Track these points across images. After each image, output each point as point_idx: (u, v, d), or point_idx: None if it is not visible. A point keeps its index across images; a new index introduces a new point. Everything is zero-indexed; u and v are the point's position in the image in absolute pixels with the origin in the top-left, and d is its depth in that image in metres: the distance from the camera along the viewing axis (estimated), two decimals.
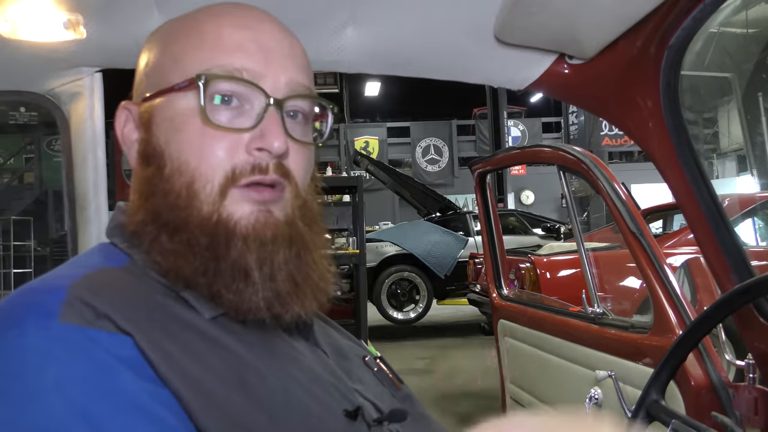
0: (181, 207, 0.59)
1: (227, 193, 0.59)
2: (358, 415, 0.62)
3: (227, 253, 0.59)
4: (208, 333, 0.57)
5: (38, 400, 0.47)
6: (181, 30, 0.64)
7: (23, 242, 12.78)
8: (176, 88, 0.61)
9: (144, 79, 0.66)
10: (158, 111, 0.63)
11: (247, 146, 0.60)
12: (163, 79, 0.63)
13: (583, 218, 14.76)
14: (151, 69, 0.65)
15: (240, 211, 0.60)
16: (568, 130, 17.96)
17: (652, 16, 0.95)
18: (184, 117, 0.61)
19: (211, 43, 0.61)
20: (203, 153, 0.59)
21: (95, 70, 1.25)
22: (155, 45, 0.66)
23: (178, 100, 0.61)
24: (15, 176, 16.01)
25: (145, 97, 0.64)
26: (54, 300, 0.52)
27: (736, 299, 0.88)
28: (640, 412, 0.97)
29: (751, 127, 12.31)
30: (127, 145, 0.66)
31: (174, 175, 0.60)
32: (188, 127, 0.60)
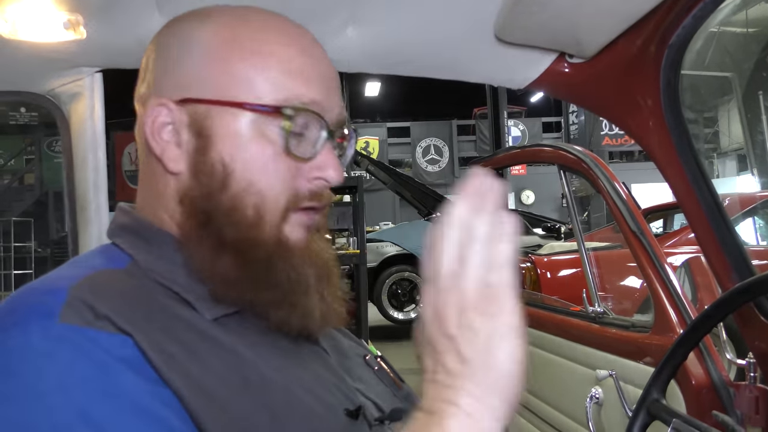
0: (247, 226, 0.60)
1: (288, 217, 0.62)
2: (360, 415, 0.62)
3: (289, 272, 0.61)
4: (209, 333, 0.57)
5: (40, 401, 0.47)
6: (245, 43, 0.62)
7: (24, 243, 12.78)
8: (249, 107, 0.60)
9: (182, 75, 0.63)
10: (219, 122, 0.61)
11: (306, 174, 0.62)
12: (225, 91, 0.61)
13: (583, 218, 14.76)
14: (200, 72, 0.62)
15: (295, 234, 0.62)
16: (569, 130, 17.96)
17: (652, 15, 0.95)
18: (257, 138, 0.60)
19: (286, 69, 0.61)
20: (272, 177, 0.61)
21: (95, 71, 1.25)
22: (204, 49, 0.62)
23: (250, 119, 0.61)
24: (15, 177, 16.01)
25: (192, 99, 0.62)
26: (54, 300, 0.52)
27: (737, 298, 0.88)
28: (641, 411, 0.97)
29: (751, 126, 12.31)
30: (160, 144, 0.62)
31: (240, 194, 0.60)
32: (260, 150, 0.60)
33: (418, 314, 0.50)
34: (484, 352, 0.45)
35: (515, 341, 0.46)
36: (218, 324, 0.59)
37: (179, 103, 0.62)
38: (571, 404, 1.77)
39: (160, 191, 0.64)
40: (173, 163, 0.62)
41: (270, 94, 0.61)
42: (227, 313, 0.60)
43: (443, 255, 0.47)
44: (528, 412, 2.14)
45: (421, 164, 19.56)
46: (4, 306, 0.54)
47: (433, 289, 0.49)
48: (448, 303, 0.47)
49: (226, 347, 0.57)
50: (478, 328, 0.46)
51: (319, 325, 0.63)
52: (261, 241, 0.60)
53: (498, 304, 0.46)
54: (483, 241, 0.46)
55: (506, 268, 0.46)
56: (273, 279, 0.60)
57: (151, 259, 0.61)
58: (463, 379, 0.46)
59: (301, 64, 0.62)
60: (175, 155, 0.62)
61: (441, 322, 0.47)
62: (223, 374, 0.55)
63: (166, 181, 0.63)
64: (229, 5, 0.66)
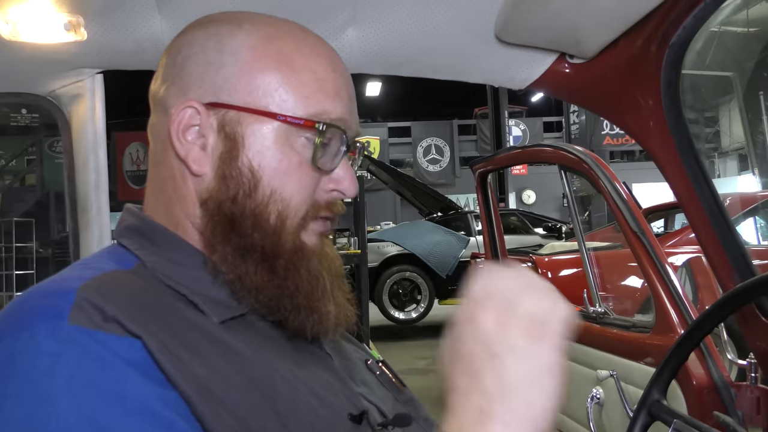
0: (270, 232, 0.62)
1: (306, 225, 0.64)
2: (363, 419, 0.62)
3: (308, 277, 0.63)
4: (216, 336, 0.57)
5: (48, 404, 0.47)
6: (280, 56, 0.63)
7: (25, 244, 12.78)
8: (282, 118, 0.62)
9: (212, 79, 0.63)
10: (248, 129, 0.62)
11: (324, 185, 0.65)
12: (257, 99, 0.62)
13: (584, 218, 14.76)
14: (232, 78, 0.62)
15: (311, 241, 0.65)
16: (570, 130, 17.96)
17: (653, 15, 0.95)
18: (286, 148, 0.62)
19: (317, 85, 0.64)
20: (296, 187, 0.63)
21: (96, 72, 1.25)
22: (238, 56, 0.63)
23: (280, 129, 0.62)
24: (17, 178, 16.03)
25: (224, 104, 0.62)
26: (63, 302, 0.52)
27: (738, 298, 0.88)
28: (641, 411, 0.97)
29: (752, 126, 12.30)
30: (185, 145, 0.63)
31: (266, 201, 0.62)
32: (287, 159, 0.62)
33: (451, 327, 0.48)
34: (527, 381, 0.44)
35: (557, 379, 0.45)
36: (225, 327, 0.59)
37: (208, 107, 0.62)
38: (572, 404, 1.77)
39: (178, 192, 0.64)
40: (197, 165, 0.63)
41: (302, 107, 0.63)
42: (234, 316, 0.60)
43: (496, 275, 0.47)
44: None
45: (422, 164, 19.56)
46: (12, 307, 0.54)
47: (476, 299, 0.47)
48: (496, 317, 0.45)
49: (233, 350, 0.57)
50: (525, 352, 0.44)
51: (333, 329, 0.65)
52: (282, 247, 0.62)
53: (548, 335, 0.45)
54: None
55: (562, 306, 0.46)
56: (294, 284, 0.62)
57: (158, 261, 0.62)
58: (501, 405, 0.44)
59: (332, 82, 0.65)
60: (199, 157, 0.63)
61: (485, 336, 0.45)
62: (231, 377, 0.55)
63: (186, 183, 0.64)
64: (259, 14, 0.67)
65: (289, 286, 0.62)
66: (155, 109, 0.66)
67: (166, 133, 0.64)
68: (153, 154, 0.67)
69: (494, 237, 2.44)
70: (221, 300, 0.61)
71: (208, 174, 0.63)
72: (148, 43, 1.07)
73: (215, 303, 0.60)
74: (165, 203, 0.65)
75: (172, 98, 0.64)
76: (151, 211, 0.67)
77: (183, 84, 0.64)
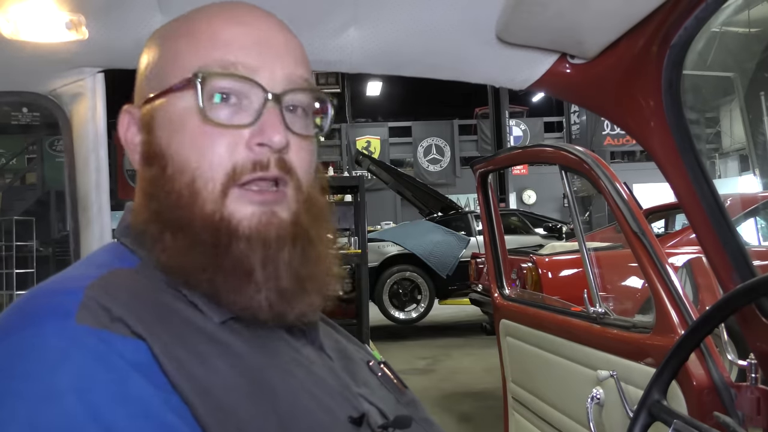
0: (183, 206, 0.59)
1: (228, 192, 0.59)
2: (363, 422, 0.62)
3: (229, 252, 0.59)
4: (217, 337, 0.57)
5: (54, 401, 0.48)
6: (177, 30, 0.64)
7: (25, 242, 12.78)
8: (174, 89, 0.61)
9: (144, 81, 0.66)
10: (159, 112, 0.62)
11: (247, 142, 0.60)
12: (163, 80, 0.63)
13: (584, 218, 14.75)
14: (151, 71, 0.65)
15: (241, 211, 0.59)
16: (570, 130, 17.94)
17: (654, 16, 0.95)
18: (183, 116, 0.60)
19: (206, 41, 0.61)
20: (203, 151, 0.59)
21: (97, 71, 1.25)
22: (153, 47, 0.66)
23: (176, 101, 0.61)
24: (17, 177, 16.03)
25: (146, 99, 0.64)
26: (70, 301, 0.53)
27: (739, 299, 0.87)
28: (641, 412, 0.97)
29: (753, 127, 12.29)
30: (131, 148, 0.66)
31: (176, 175, 0.60)
32: (188, 127, 0.60)
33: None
34: None
35: None
36: (226, 327, 0.59)
37: (141, 107, 0.65)
38: (572, 405, 1.76)
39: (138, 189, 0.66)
40: (136, 163, 0.66)
41: (189, 70, 0.60)
42: (234, 316, 0.60)
43: None
44: (529, 412, 2.14)
45: (422, 164, 19.55)
46: (19, 304, 0.54)
47: None
48: None
49: (234, 352, 0.57)
50: None
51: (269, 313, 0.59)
52: (198, 220, 0.59)
53: None
54: None
55: None
56: (212, 259, 0.58)
57: (152, 256, 0.62)
58: None
59: (230, 34, 0.61)
60: (137, 154, 0.66)
61: None
62: (231, 380, 0.55)
63: (139, 179, 0.66)
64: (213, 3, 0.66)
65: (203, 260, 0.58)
66: None
67: None
68: None
69: (494, 237, 2.44)
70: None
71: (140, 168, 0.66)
72: None
73: (214, 303, 0.59)
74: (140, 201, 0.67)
75: None
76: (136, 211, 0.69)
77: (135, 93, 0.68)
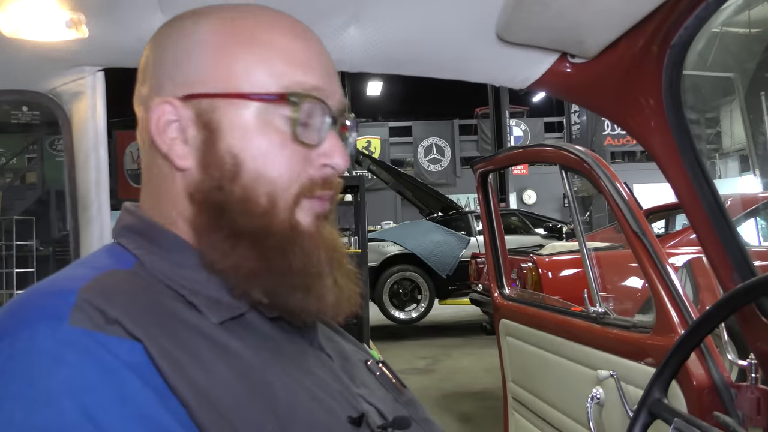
0: (260, 215, 0.60)
1: (300, 203, 0.62)
2: (363, 422, 0.62)
3: (303, 256, 0.62)
4: (215, 339, 0.57)
5: (48, 404, 0.47)
6: (244, 35, 0.63)
7: (26, 242, 12.79)
8: (254, 97, 0.61)
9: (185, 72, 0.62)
10: (224, 115, 0.61)
11: (314, 161, 0.63)
12: (228, 83, 0.61)
13: (585, 218, 14.76)
14: (202, 67, 0.62)
15: (306, 221, 0.63)
16: (571, 130, 17.95)
17: (654, 15, 0.95)
18: (264, 127, 0.61)
19: (287, 58, 0.63)
20: (282, 165, 0.61)
21: (97, 70, 1.25)
22: (204, 44, 0.62)
23: (255, 109, 0.61)
24: (17, 176, 16.03)
25: (196, 94, 0.62)
26: (64, 303, 0.52)
27: (740, 298, 0.87)
28: (642, 410, 0.96)
29: (753, 127, 12.30)
30: (166, 141, 0.62)
31: (252, 184, 0.60)
32: (268, 139, 0.61)
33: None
34: None
35: None
36: (224, 328, 0.59)
37: (183, 100, 0.62)
38: (572, 404, 1.76)
39: (168, 190, 0.64)
40: (181, 160, 0.62)
41: (273, 83, 0.61)
42: (233, 316, 0.60)
43: None
44: (529, 412, 2.14)
45: (422, 164, 19.56)
46: (12, 307, 0.54)
47: None
48: None
49: (232, 353, 0.57)
50: None
51: (333, 310, 0.63)
52: (275, 229, 0.61)
53: None
54: None
55: None
56: (289, 265, 0.61)
57: (157, 261, 0.61)
58: None
59: (301, 52, 0.63)
60: (183, 152, 0.62)
61: None
62: (229, 381, 0.54)
63: (174, 179, 0.63)
64: (226, 4, 0.66)
65: (281, 267, 0.60)
66: (138, 112, 0.66)
67: (148, 134, 0.63)
68: (143, 157, 0.67)
69: (495, 237, 2.44)
70: (220, 299, 0.60)
71: (192, 167, 0.62)
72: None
73: (214, 303, 0.59)
74: (157, 202, 0.65)
75: (149, 98, 0.64)
76: (147, 210, 0.66)
77: (157, 83, 0.64)
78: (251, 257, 0.60)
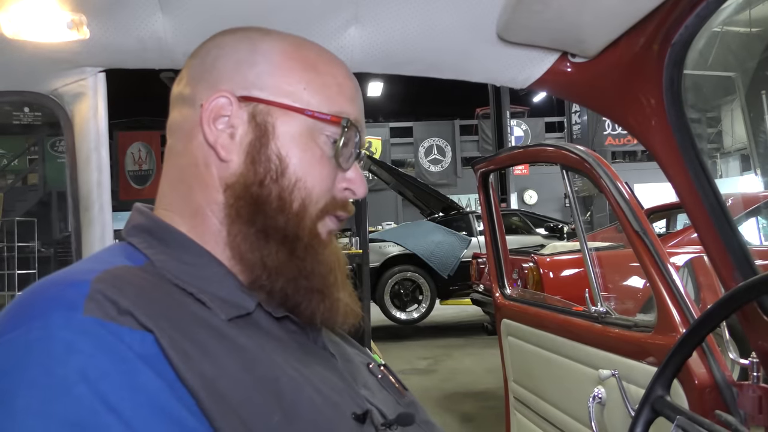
0: (292, 216, 0.65)
1: (323, 218, 0.68)
2: (367, 419, 0.62)
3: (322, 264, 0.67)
4: (224, 333, 0.58)
5: (65, 391, 0.48)
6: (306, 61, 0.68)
7: (27, 243, 12.80)
8: (309, 114, 0.66)
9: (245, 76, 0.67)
10: (278, 121, 0.66)
11: (338, 183, 0.69)
12: (286, 95, 0.66)
13: (586, 218, 14.75)
14: (264, 76, 0.67)
15: (324, 234, 0.69)
16: (571, 130, 17.94)
17: (655, 14, 0.95)
18: (310, 141, 0.67)
19: (338, 89, 0.69)
20: (318, 178, 0.67)
21: (98, 70, 1.26)
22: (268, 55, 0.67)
23: (307, 124, 0.66)
24: (19, 177, 16.05)
25: (255, 98, 0.66)
26: (77, 293, 0.53)
27: (743, 295, 0.87)
28: (644, 407, 0.96)
29: (754, 126, 12.29)
30: (214, 132, 0.66)
31: (291, 187, 0.65)
32: (311, 152, 0.66)
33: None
34: None
35: None
36: (232, 324, 0.60)
37: (240, 100, 0.66)
38: (574, 404, 1.76)
39: (200, 179, 0.66)
40: (224, 152, 0.65)
41: (326, 106, 0.67)
42: (241, 315, 0.61)
43: None
44: (530, 412, 2.14)
45: (423, 164, 19.56)
46: (26, 298, 0.55)
47: None
48: None
49: (240, 347, 0.58)
50: None
51: (342, 319, 0.68)
52: (302, 233, 0.66)
53: None
54: None
55: None
56: (311, 267, 0.66)
57: (167, 260, 0.62)
58: None
59: (349, 88, 0.71)
60: (228, 144, 0.65)
61: None
62: (237, 375, 0.55)
63: (210, 169, 0.66)
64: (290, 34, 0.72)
65: (306, 268, 0.65)
66: (179, 106, 0.69)
67: (191, 125, 0.67)
68: (171, 148, 0.70)
69: (496, 237, 2.44)
70: (228, 299, 0.62)
71: (234, 160, 0.65)
72: (150, 42, 1.08)
73: (222, 301, 0.61)
74: (183, 192, 0.67)
75: (201, 93, 0.67)
76: (165, 205, 0.68)
77: (213, 79, 0.67)
78: (280, 254, 0.64)
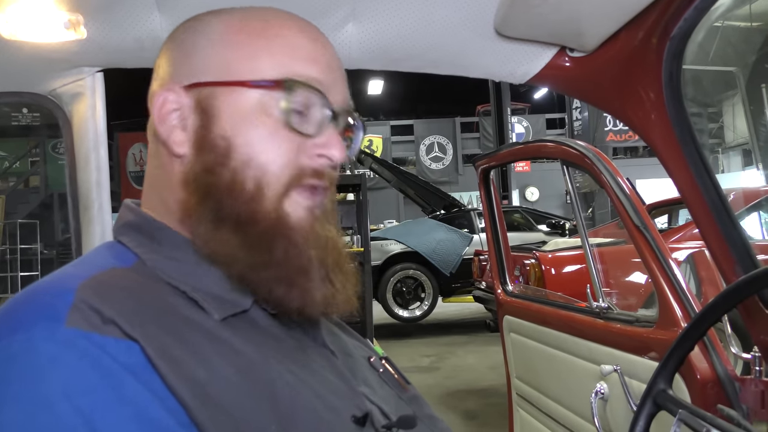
0: (246, 200, 0.60)
1: (289, 194, 0.62)
2: (367, 422, 0.61)
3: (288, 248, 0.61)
4: (217, 335, 0.56)
5: (44, 406, 0.47)
6: (245, 28, 0.64)
7: (29, 245, 12.82)
8: (253, 84, 0.61)
9: (191, 64, 0.64)
10: (223, 101, 0.62)
11: (309, 151, 0.63)
12: (229, 72, 0.62)
13: (587, 214, 14.74)
14: (207, 58, 0.63)
15: (296, 213, 0.62)
16: (572, 126, 17.92)
17: (653, 7, 0.94)
18: (259, 114, 0.62)
19: (286, 49, 0.63)
20: (274, 152, 0.61)
21: (96, 70, 1.25)
22: (212, 37, 0.64)
23: (252, 96, 0.62)
24: (20, 180, 16.06)
25: (200, 83, 0.63)
26: (61, 303, 0.52)
27: (744, 288, 0.87)
28: (647, 401, 0.96)
29: (755, 121, 12.27)
30: (167, 127, 0.63)
31: (241, 168, 0.61)
32: (262, 125, 0.61)
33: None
34: None
35: None
36: (226, 324, 0.58)
37: (187, 89, 0.63)
38: (576, 400, 1.76)
39: (165, 178, 0.64)
40: (178, 146, 0.63)
41: (273, 72, 0.62)
42: (235, 313, 0.59)
43: None
44: (533, 408, 2.14)
45: (424, 162, 19.55)
46: (9, 307, 0.53)
47: None
48: None
49: (234, 349, 0.56)
50: None
51: (321, 308, 0.63)
52: (260, 216, 0.60)
53: None
54: None
55: None
56: (270, 255, 0.60)
57: (157, 258, 0.61)
58: None
59: (305, 47, 0.64)
60: (181, 138, 0.63)
61: None
62: (230, 379, 0.54)
63: (172, 166, 0.64)
64: (245, 6, 0.67)
65: (262, 256, 0.60)
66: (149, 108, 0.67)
67: (152, 125, 0.65)
68: (149, 150, 0.68)
69: (497, 234, 2.43)
70: (222, 296, 0.60)
71: (188, 154, 0.63)
72: (147, 41, 1.08)
73: (216, 299, 0.59)
74: (158, 193, 0.65)
75: (155, 92, 0.65)
76: (147, 205, 0.67)
77: (166, 76, 0.65)
78: (232, 243, 0.60)
